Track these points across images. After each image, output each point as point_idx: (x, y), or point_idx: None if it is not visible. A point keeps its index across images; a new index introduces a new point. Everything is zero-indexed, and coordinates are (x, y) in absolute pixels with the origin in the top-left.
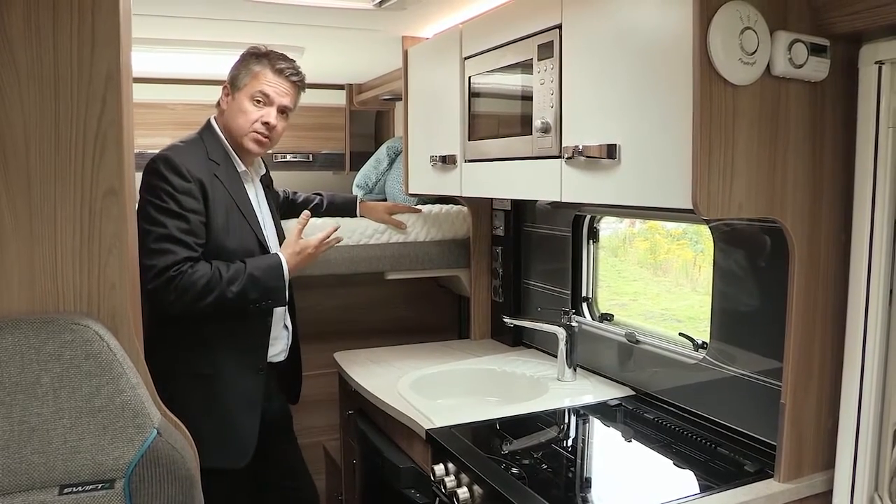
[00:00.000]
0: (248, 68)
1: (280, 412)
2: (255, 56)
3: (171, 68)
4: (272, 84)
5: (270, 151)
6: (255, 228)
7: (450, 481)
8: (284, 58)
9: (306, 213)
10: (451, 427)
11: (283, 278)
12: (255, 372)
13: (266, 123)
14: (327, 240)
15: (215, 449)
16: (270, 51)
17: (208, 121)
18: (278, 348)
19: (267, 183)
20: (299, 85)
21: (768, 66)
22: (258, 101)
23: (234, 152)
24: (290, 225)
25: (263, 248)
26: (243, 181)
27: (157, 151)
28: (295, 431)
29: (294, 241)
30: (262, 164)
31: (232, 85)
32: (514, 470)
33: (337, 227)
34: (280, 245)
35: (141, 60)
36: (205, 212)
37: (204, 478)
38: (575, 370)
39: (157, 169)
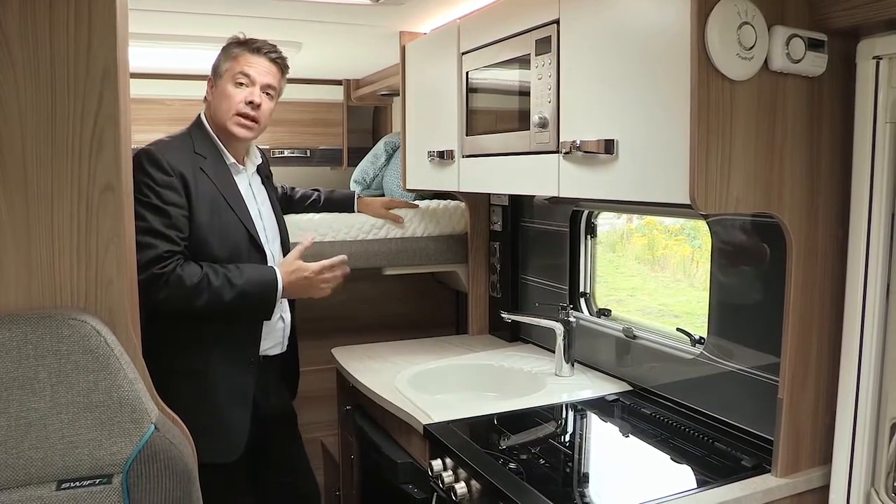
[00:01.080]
0: (228, 54)
1: (279, 407)
2: (234, 43)
3: (168, 64)
4: (252, 64)
5: (267, 147)
6: (244, 222)
7: (447, 476)
8: (263, 41)
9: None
10: (448, 422)
11: (274, 296)
12: (246, 365)
13: (250, 102)
14: (332, 271)
15: (205, 443)
16: (249, 38)
17: (198, 116)
18: (272, 342)
19: (266, 173)
20: (280, 63)
21: (766, 61)
22: (240, 83)
23: (222, 145)
24: (292, 220)
25: (254, 242)
26: (233, 173)
27: None
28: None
29: (291, 262)
30: (258, 154)
31: (214, 75)
32: (512, 465)
33: (344, 259)
34: (280, 238)
35: (137, 56)
36: (187, 205)
37: (201, 472)
38: (573, 365)
39: (139, 163)
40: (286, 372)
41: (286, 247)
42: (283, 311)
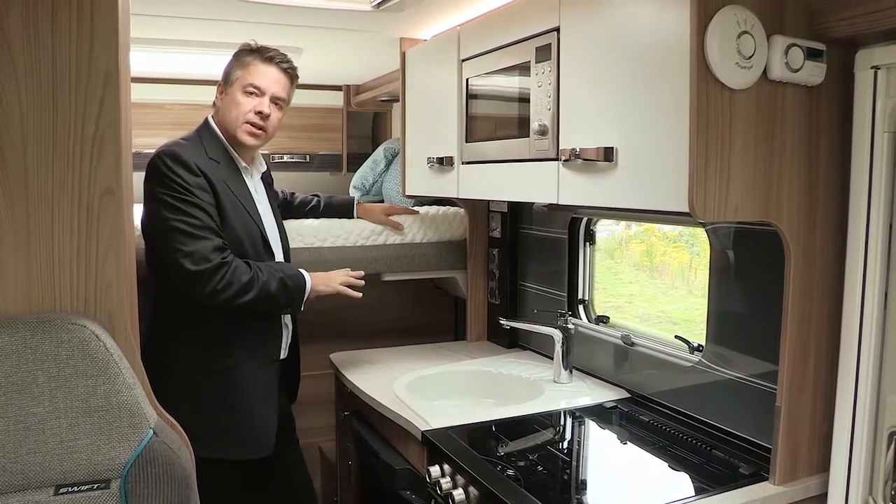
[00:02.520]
0: (239, 61)
1: (282, 411)
2: (246, 51)
3: (169, 68)
4: (263, 74)
5: (266, 151)
6: (259, 225)
7: (445, 483)
8: (275, 50)
9: (360, 275)
10: (446, 429)
11: (304, 283)
12: (270, 363)
13: (259, 113)
14: (348, 285)
15: (234, 440)
16: (261, 46)
17: (205, 119)
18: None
19: (269, 181)
20: (290, 73)
21: (765, 70)
22: (250, 93)
23: (232, 149)
24: (291, 226)
25: (267, 246)
26: (244, 177)
27: (154, 151)
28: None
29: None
30: (263, 162)
31: (225, 81)
32: (510, 472)
33: (362, 274)
34: (281, 245)
35: (139, 60)
36: (215, 205)
37: (208, 471)
38: (571, 372)
39: (165, 164)
40: (287, 377)
41: (287, 255)
42: (286, 317)
